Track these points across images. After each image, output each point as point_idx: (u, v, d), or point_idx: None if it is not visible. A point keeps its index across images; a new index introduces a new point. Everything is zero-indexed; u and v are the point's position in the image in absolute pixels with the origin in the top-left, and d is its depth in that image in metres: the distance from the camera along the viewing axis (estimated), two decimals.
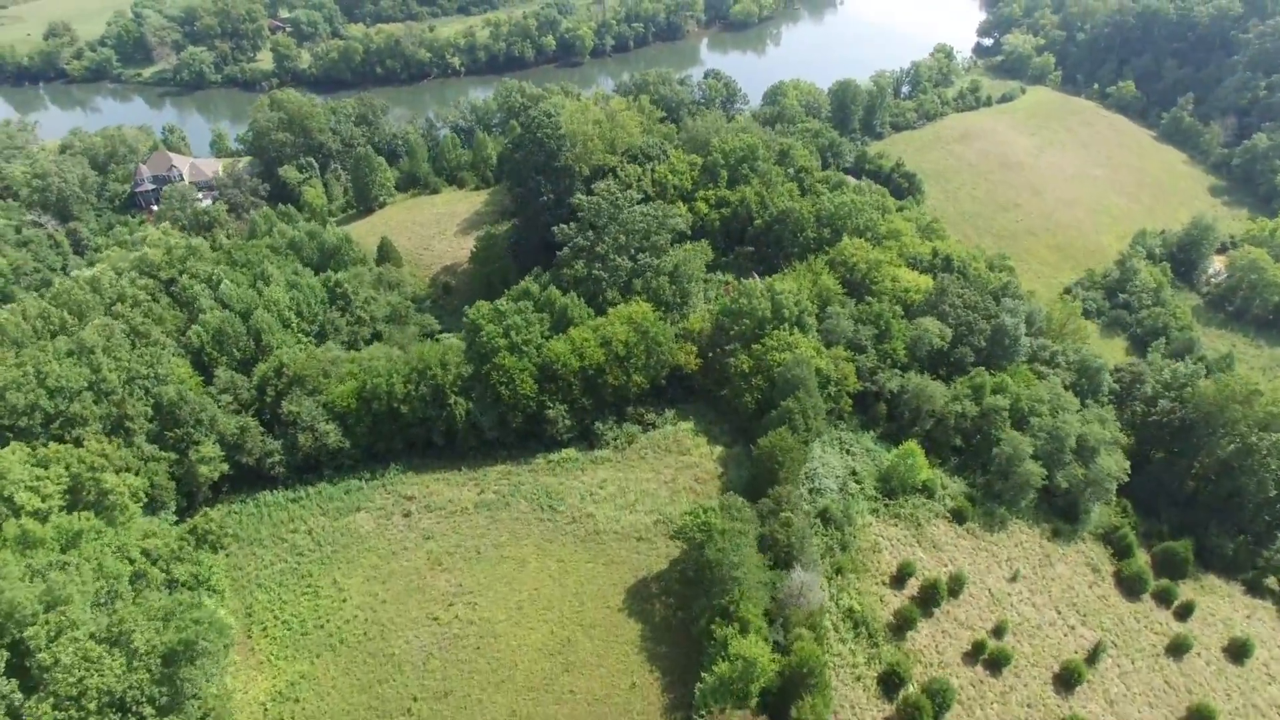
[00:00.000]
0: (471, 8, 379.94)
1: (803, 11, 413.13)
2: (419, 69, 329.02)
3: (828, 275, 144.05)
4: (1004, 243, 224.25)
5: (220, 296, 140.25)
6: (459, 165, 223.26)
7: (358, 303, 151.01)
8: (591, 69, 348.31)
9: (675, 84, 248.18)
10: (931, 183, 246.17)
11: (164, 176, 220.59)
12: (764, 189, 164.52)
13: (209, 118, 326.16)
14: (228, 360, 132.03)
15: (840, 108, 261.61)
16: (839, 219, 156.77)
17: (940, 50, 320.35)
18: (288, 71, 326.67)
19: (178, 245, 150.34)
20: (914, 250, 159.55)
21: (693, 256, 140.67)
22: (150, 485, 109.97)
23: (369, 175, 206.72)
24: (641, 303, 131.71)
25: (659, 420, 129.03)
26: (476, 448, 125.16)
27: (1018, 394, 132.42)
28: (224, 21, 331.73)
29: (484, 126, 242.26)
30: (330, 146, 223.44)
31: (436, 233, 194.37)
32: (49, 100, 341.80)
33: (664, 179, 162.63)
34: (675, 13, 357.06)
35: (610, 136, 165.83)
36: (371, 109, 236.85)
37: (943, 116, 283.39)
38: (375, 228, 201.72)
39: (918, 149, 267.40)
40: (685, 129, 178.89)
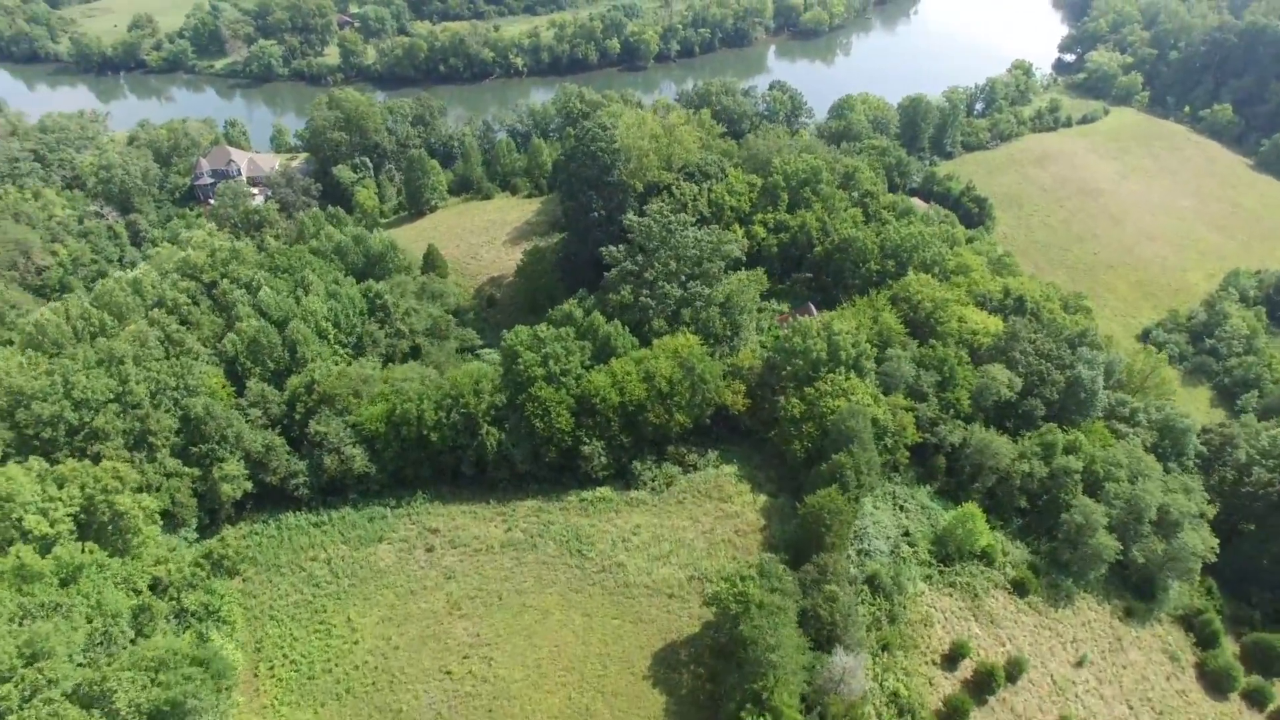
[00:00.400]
0: (538, 7, 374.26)
1: (875, 21, 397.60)
2: (482, 68, 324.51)
3: (889, 313, 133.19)
4: (1079, 276, 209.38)
5: (258, 304, 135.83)
6: (513, 171, 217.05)
7: (397, 315, 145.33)
8: (655, 74, 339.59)
9: (739, 95, 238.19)
10: (1003, 208, 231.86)
11: (222, 171, 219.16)
12: (826, 214, 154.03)
13: (275, 110, 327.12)
14: (261, 371, 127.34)
15: (910, 125, 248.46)
16: (904, 251, 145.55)
17: (1018, 66, 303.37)
18: (353, 67, 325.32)
19: (221, 248, 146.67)
20: (984, 287, 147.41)
21: (746, 287, 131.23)
22: (171, 502, 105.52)
23: (421, 178, 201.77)
24: (689, 335, 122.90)
25: (701, 462, 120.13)
26: (507, 479, 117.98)
27: (1092, 455, 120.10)
28: (294, 16, 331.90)
29: (541, 131, 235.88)
30: (385, 146, 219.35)
31: (485, 241, 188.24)
32: (128, 89, 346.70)
33: (721, 199, 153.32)
34: (743, 19, 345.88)
35: (667, 152, 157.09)
36: (429, 109, 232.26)
37: (1018, 137, 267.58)
38: (424, 232, 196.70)
39: (989, 171, 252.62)
40: (746, 146, 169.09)
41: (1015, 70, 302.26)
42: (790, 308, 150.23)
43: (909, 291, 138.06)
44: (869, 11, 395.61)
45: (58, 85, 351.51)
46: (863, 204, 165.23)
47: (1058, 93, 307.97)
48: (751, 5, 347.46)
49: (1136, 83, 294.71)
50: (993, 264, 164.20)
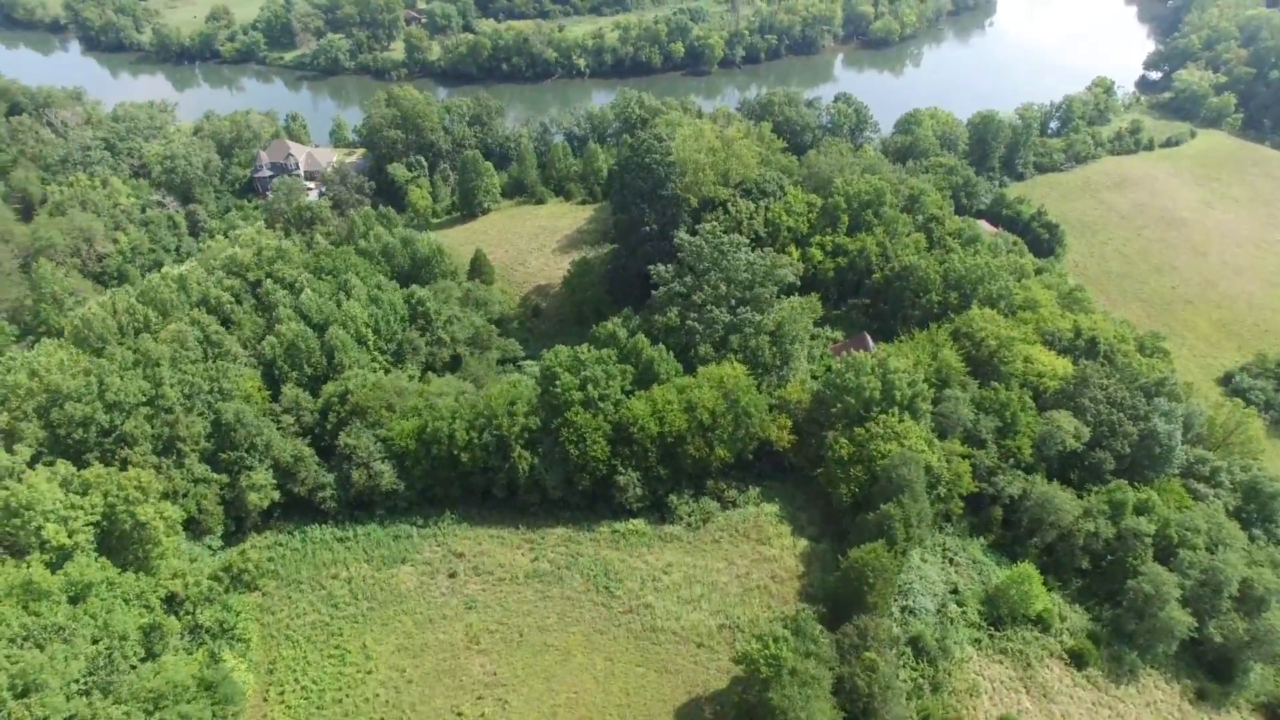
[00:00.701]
0: (604, 8, 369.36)
1: (947, 32, 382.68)
2: (544, 68, 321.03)
3: (950, 350, 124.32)
4: (1155, 311, 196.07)
5: (299, 306, 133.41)
6: (567, 175, 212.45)
7: (439, 323, 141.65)
8: (718, 79, 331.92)
9: (802, 106, 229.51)
10: (1076, 235, 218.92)
11: (281, 164, 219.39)
12: (887, 239, 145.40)
13: (339, 103, 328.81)
14: (297, 376, 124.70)
15: (979, 143, 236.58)
16: (968, 283, 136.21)
17: (1099, 84, 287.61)
18: (417, 63, 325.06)
19: (268, 247, 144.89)
20: (1052, 325, 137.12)
21: (799, 315, 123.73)
22: (197, 509, 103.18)
23: (475, 180, 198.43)
24: (735, 365, 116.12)
25: (740, 498, 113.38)
26: (538, 504, 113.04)
27: (1166, 518, 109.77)
28: (363, 11, 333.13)
29: (598, 136, 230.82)
30: (441, 146, 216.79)
31: (535, 247, 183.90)
32: (202, 78, 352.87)
33: (778, 219, 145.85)
34: (811, 26, 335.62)
35: (724, 167, 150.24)
36: (487, 109, 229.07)
37: (1095, 159, 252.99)
38: (474, 235, 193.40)
39: (1063, 195, 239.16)
40: (807, 164, 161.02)
41: (1095, 88, 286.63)
42: (844, 336, 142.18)
43: (971, 327, 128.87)
44: (941, 22, 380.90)
45: (139, 73, 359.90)
46: (927, 229, 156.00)
47: (1140, 113, 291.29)
48: (820, 12, 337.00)
49: (1229, 104, 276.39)
50: (1063, 298, 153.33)
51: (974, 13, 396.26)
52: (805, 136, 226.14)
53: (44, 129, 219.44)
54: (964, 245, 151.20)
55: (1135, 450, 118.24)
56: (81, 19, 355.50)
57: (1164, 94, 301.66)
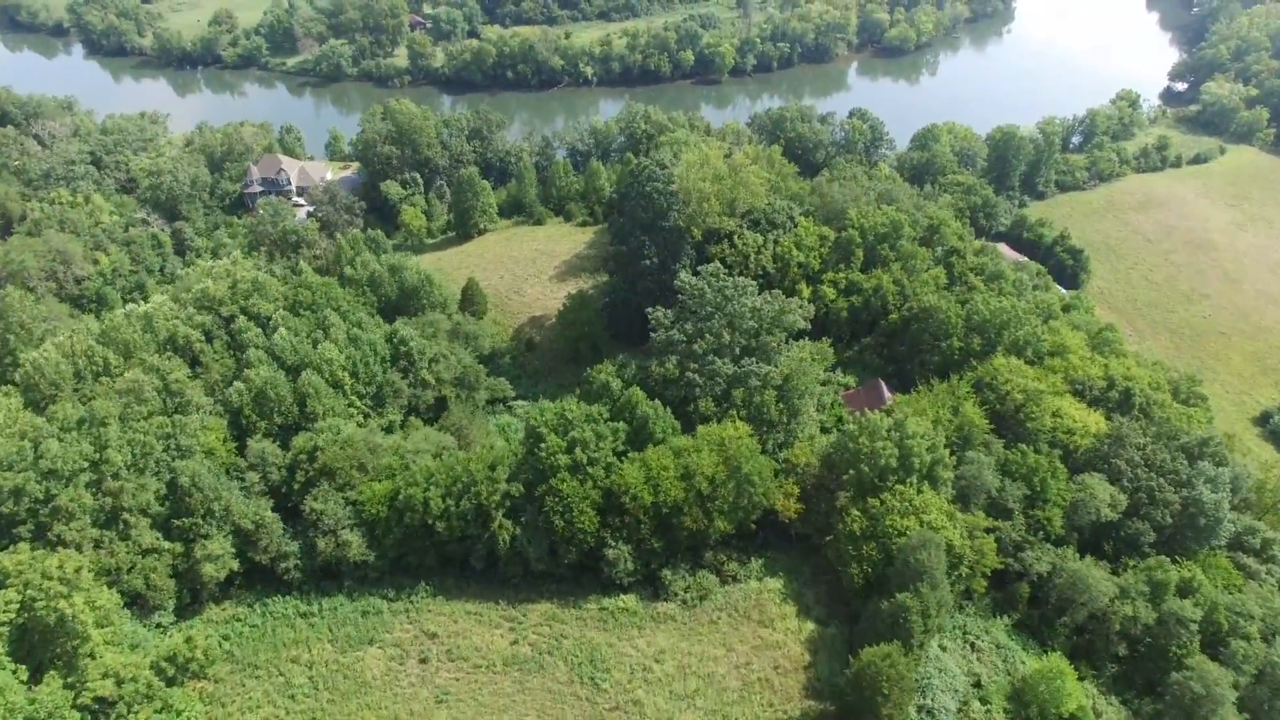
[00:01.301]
0: (613, 13, 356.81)
1: (964, 39, 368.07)
2: (550, 76, 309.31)
3: (972, 404, 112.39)
4: (1184, 343, 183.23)
5: (272, 347, 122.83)
6: (568, 194, 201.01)
7: (422, 364, 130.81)
8: (729, 88, 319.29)
9: (815, 122, 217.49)
10: (1100, 259, 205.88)
11: (272, 180, 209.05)
12: (904, 276, 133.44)
13: (342, 109, 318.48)
14: (267, 426, 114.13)
15: (999, 160, 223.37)
16: (992, 327, 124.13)
17: (1123, 97, 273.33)
18: (421, 70, 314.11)
19: (243, 279, 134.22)
20: (1082, 372, 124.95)
21: (809, 367, 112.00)
22: (145, 584, 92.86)
23: (470, 200, 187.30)
24: (738, 424, 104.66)
25: (741, 572, 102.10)
26: (520, 576, 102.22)
27: (1214, 601, 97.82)
28: (367, 16, 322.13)
29: (602, 151, 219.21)
30: (437, 162, 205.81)
31: (531, 274, 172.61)
32: (204, 83, 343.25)
33: (788, 253, 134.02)
34: (825, 34, 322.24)
35: (731, 195, 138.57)
36: (487, 123, 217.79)
37: (1119, 177, 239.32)
38: (468, 258, 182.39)
39: (1086, 215, 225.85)
40: (819, 192, 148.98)
41: (1120, 102, 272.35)
42: (857, 383, 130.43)
43: (995, 378, 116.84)
44: (958, 29, 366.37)
45: (141, 77, 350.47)
46: (947, 263, 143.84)
47: (1166, 127, 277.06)
48: (834, 19, 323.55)
49: (1261, 118, 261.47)
50: (1092, 339, 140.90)
51: (992, 20, 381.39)
52: (818, 154, 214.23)
53: (29, 141, 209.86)
54: (987, 281, 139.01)
55: (1177, 520, 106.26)
56: (83, 22, 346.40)
57: (1191, 107, 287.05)
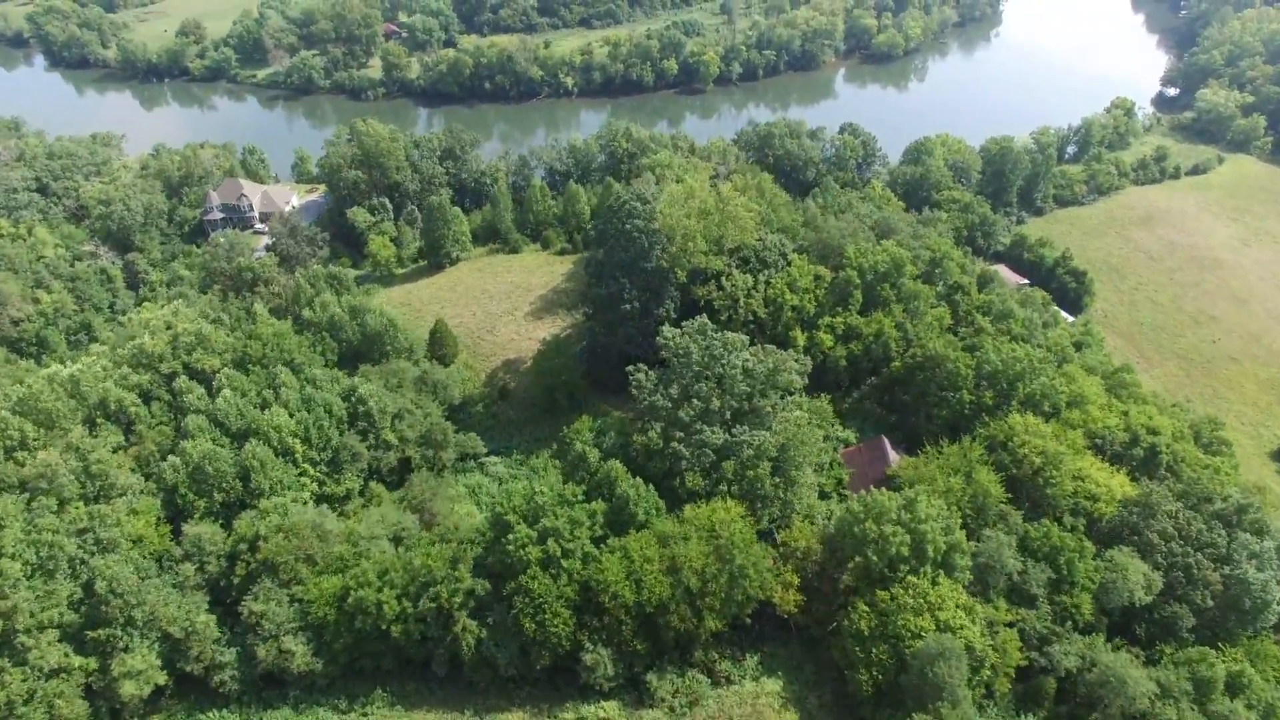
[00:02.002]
0: (594, 20, 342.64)
1: (952, 44, 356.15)
2: (529, 87, 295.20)
3: (987, 472, 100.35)
4: (1195, 371, 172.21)
5: (215, 413, 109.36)
6: (546, 219, 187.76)
7: (383, 423, 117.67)
8: (714, 97, 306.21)
9: (805, 138, 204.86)
10: (1102, 279, 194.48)
11: (233, 206, 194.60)
12: (907, 320, 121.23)
13: (315, 123, 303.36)
14: (206, 505, 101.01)
15: (996, 175, 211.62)
16: (1005, 378, 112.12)
17: (1118, 105, 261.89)
18: (395, 81, 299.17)
19: (186, 332, 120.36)
20: (1101, 423, 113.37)
21: (808, 434, 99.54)
22: (49, 713, 79.63)
23: (442, 229, 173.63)
24: (730, 505, 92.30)
25: (735, 671, 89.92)
26: (489, 682, 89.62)
27: (1270, 703, 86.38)
28: (339, 26, 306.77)
29: (581, 171, 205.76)
30: (408, 186, 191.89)
31: (506, 310, 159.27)
32: (171, 97, 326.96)
33: (780, 296, 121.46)
34: (812, 41, 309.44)
35: (718, 231, 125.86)
36: (460, 142, 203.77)
37: (1118, 190, 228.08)
38: (439, 292, 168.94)
39: (1086, 232, 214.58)
40: (813, 226, 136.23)
41: (1115, 110, 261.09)
42: (858, 438, 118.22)
43: (1012, 440, 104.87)
44: (947, 33, 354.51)
45: (105, 90, 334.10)
46: (951, 300, 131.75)
47: (1161, 134, 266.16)
48: (821, 26, 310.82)
49: (1258, 126, 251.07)
50: (1107, 379, 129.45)
51: (979, 23, 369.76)
52: (808, 172, 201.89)
53: None
54: (995, 321, 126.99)
55: (1219, 602, 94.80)
56: (44, 33, 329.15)
57: (1185, 114, 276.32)
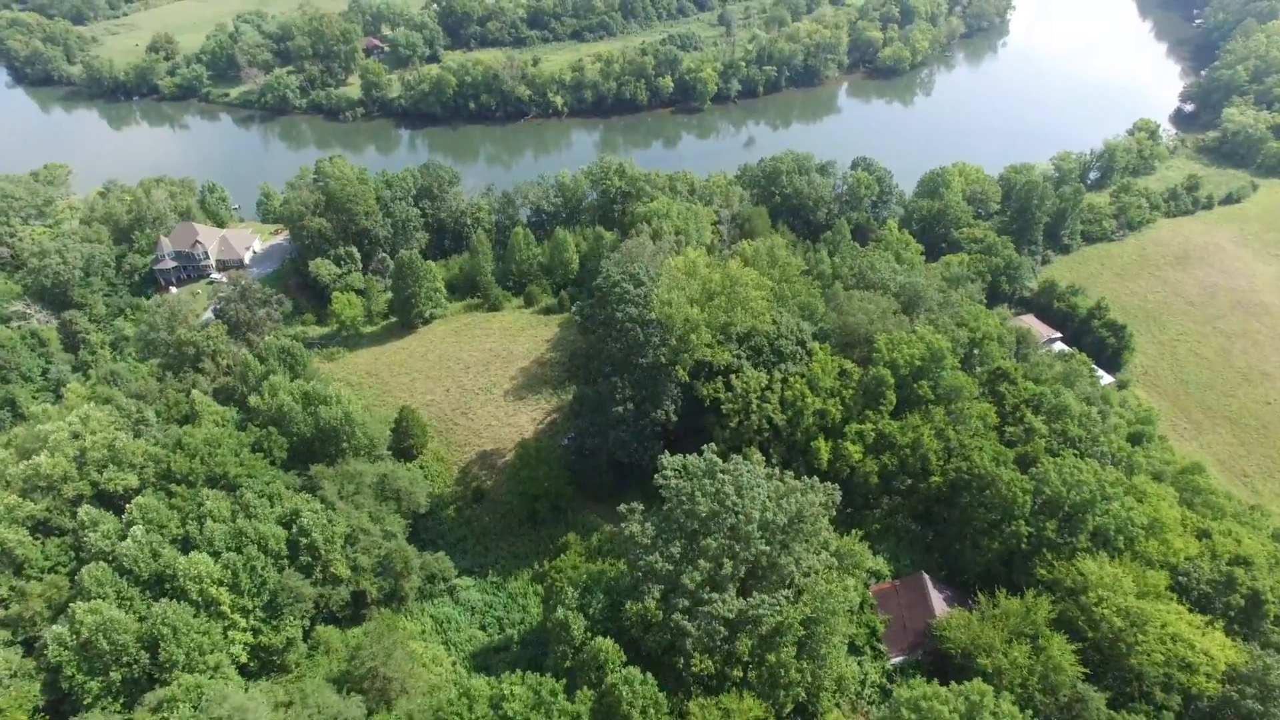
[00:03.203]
0: (586, 33, 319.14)
1: (958, 55, 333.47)
2: (517, 107, 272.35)
3: (1059, 643, 79.75)
4: (1250, 437, 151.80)
5: (120, 559, 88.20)
6: (530, 269, 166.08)
7: (332, 553, 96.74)
8: (712, 116, 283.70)
9: (814, 174, 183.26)
10: (1140, 328, 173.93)
11: (187, 254, 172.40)
12: (949, 427, 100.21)
13: (291, 145, 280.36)
14: (102, 685, 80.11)
15: (1021, 211, 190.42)
16: (1071, 505, 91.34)
17: (1142, 128, 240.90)
18: (375, 101, 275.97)
19: (95, 445, 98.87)
20: (1183, 554, 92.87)
21: (839, 601, 78.45)
22: None
23: (414, 286, 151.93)
24: (747, 700, 71.57)
25: None
26: None
27: None
28: (316, 42, 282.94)
29: (570, 209, 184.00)
30: (378, 233, 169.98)
31: (483, 386, 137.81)
32: (140, 116, 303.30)
33: (799, 399, 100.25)
34: (814, 55, 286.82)
35: (725, 317, 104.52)
36: (436, 180, 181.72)
37: (1149, 224, 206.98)
38: (410, 359, 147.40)
39: (1118, 273, 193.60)
40: (836, 307, 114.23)
41: (1139, 133, 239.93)
42: (891, 570, 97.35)
43: (1084, 589, 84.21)
44: (954, 44, 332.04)
45: (73, 108, 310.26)
46: (994, 391, 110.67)
47: (1186, 157, 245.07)
48: (825, 39, 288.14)
49: None
50: (1176, 481, 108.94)
51: (987, 34, 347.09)
52: (819, 212, 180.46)
53: None
54: (1049, 420, 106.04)
55: None
56: (4, 48, 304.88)
57: (1210, 133, 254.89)
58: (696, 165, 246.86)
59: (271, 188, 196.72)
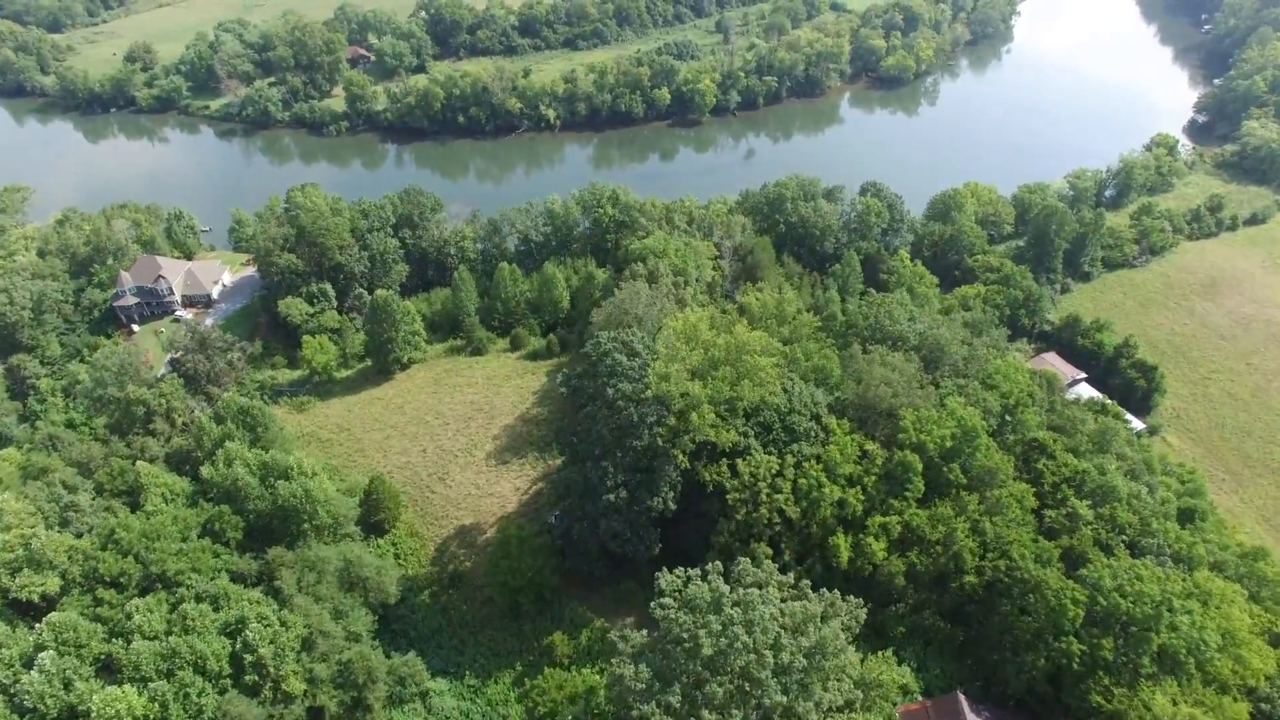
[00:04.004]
0: (579, 41, 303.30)
1: (962, 63, 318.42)
2: (508, 120, 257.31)
3: None
4: None
5: (22, 694, 74.19)
6: (517, 307, 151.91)
7: (283, 670, 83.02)
8: (710, 129, 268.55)
9: (821, 200, 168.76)
10: (1169, 364, 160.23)
11: (149, 289, 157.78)
12: (985, 518, 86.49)
13: (274, 160, 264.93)
14: None
15: (1039, 238, 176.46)
16: (1131, 619, 77.76)
17: (1160, 144, 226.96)
18: (360, 114, 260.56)
19: (9, 544, 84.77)
20: (1259, 673, 79.49)
21: None
22: None
23: (389, 330, 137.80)
24: None
25: None
26: None
27: None
28: (299, 53, 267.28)
29: (561, 238, 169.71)
30: (353, 268, 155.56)
31: (463, 446, 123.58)
32: (118, 128, 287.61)
33: (814, 489, 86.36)
34: (816, 65, 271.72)
35: (730, 391, 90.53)
36: (418, 207, 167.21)
37: (1171, 248, 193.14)
38: (385, 411, 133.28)
39: (1142, 303, 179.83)
40: (855, 373, 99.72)
41: (1157, 148, 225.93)
42: (921, 686, 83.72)
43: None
44: (959, 51, 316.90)
45: (48, 120, 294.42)
46: (1028, 461, 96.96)
47: (1205, 173, 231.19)
48: (826, 49, 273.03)
49: None
50: (1239, 571, 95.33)
51: (992, 40, 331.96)
52: (825, 242, 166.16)
53: None
54: (1094, 503, 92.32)
55: None
56: None
57: (1227, 147, 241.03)
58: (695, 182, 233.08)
59: (244, 214, 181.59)
